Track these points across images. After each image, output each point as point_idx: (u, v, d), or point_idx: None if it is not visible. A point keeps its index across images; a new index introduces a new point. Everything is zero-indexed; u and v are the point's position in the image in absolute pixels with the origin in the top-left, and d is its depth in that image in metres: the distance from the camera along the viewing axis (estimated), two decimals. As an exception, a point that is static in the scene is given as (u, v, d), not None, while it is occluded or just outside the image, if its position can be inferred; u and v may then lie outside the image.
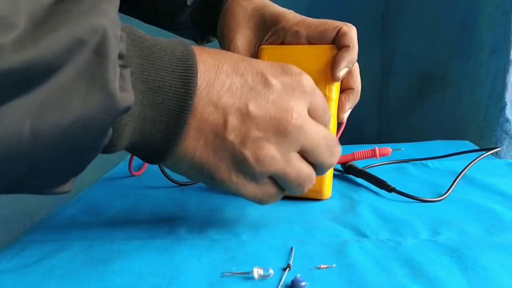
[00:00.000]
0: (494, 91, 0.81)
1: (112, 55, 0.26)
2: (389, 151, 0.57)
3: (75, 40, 0.24)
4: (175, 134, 0.32)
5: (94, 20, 0.25)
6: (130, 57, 0.30)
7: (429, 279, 0.32)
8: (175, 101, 0.31)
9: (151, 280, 0.33)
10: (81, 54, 0.25)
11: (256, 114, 0.33)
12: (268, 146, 0.34)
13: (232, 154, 0.34)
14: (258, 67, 0.35)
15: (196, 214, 0.47)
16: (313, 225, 0.42)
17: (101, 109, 0.26)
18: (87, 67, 0.25)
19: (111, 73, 0.26)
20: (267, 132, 0.34)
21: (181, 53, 0.32)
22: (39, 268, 0.36)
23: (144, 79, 0.31)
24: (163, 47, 0.32)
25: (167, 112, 0.31)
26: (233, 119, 0.33)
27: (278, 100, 0.34)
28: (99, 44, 0.25)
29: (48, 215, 0.49)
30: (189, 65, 0.32)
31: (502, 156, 0.79)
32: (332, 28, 0.48)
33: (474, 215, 0.43)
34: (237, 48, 0.51)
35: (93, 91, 0.25)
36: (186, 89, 0.32)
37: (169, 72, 0.31)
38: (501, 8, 0.78)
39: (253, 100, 0.34)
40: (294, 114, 0.34)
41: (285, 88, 0.35)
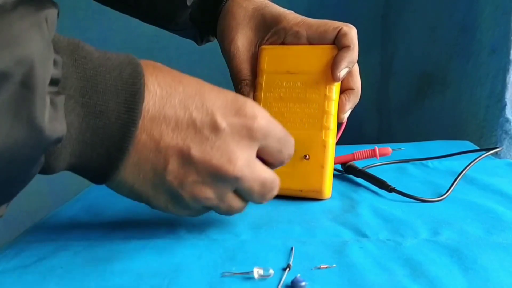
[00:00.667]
0: (494, 91, 0.81)
1: (39, 87, 0.25)
2: (389, 151, 0.57)
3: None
4: (116, 159, 0.31)
5: (19, 50, 0.23)
6: (70, 79, 0.29)
7: (429, 279, 0.32)
8: (118, 126, 0.30)
9: (151, 280, 0.33)
10: (5, 87, 0.23)
11: (198, 160, 0.33)
12: (205, 188, 0.34)
13: (170, 191, 0.34)
14: (210, 106, 0.33)
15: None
16: (313, 225, 0.42)
17: (27, 143, 0.25)
18: (11, 101, 0.23)
19: (38, 105, 0.25)
20: (206, 177, 0.34)
21: (129, 75, 0.31)
22: (39, 268, 0.36)
23: (85, 103, 0.29)
24: (109, 69, 0.30)
25: (109, 137, 0.30)
26: (173, 162, 0.33)
27: (223, 147, 0.33)
28: (25, 76, 0.24)
29: (48, 215, 0.49)
30: (135, 89, 0.31)
31: (502, 156, 0.79)
32: (333, 29, 0.48)
33: (474, 215, 0.43)
34: (237, 48, 0.51)
35: (18, 125, 0.24)
36: (130, 115, 0.30)
37: (113, 96, 0.30)
38: (501, 8, 0.78)
39: (197, 144, 0.33)
40: (236, 164, 0.33)
41: (233, 133, 0.34)
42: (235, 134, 0.34)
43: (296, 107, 0.49)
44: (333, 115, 0.48)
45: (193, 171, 0.33)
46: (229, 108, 0.34)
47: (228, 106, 0.34)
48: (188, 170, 0.33)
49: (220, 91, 0.35)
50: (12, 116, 0.24)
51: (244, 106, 0.35)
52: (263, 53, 0.50)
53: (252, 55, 0.51)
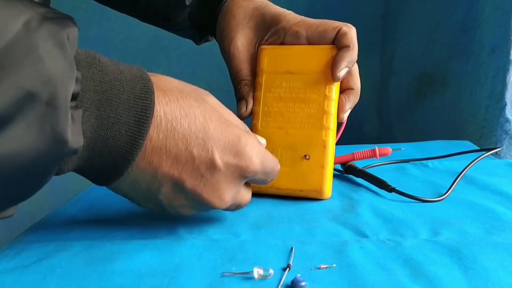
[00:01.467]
0: (494, 91, 0.81)
1: (63, 104, 0.26)
2: (389, 151, 0.57)
3: (25, 92, 0.23)
4: (122, 168, 0.33)
5: (45, 71, 0.24)
6: (88, 92, 0.30)
7: (429, 279, 0.32)
8: (127, 139, 0.32)
9: (151, 280, 0.33)
10: (32, 107, 0.24)
11: (190, 191, 0.35)
12: (190, 210, 0.38)
13: (159, 205, 0.37)
14: (211, 145, 0.35)
15: (196, 214, 0.46)
16: (313, 225, 0.42)
17: (51, 154, 0.26)
18: (38, 118, 0.24)
19: (62, 121, 0.26)
20: (193, 203, 0.37)
21: (140, 90, 0.32)
22: (39, 268, 0.36)
23: (99, 115, 0.30)
24: (123, 83, 0.32)
25: (117, 148, 0.32)
26: (167, 187, 0.35)
27: (215, 185, 0.36)
28: (50, 95, 0.25)
29: (48, 215, 0.49)
30: (146, 104, 0.32)
31: (502, 156, 0.79)
32: (332, 29, 0.48)
33: (474, 215, 0.43)
34: (237, 48, 0.51)
35: (43, 140, 0.25)
36: (139, 128, 0.32)
37: (125, 110, 0.31)
38: (501, 8, 0.78)
39: (192, 178, 0.35)
40: (224, 200, 0.37)
41: (227, 173, 0.36)
42: (229, 175, 0.36)
43: (296, 107, 0.49)
44: (333, 115, 0.48)
45: (183, 197, 0.36)
46: (229, 148, 0.36)
47: (228, 147, 0.36)
48: (179, 196, 0.36)
49: (224, 128, 0.36)
50: (38, 132, 0.25)
51: (244, 148, 0.36)
52: (263, 53, 0.50)
53: (251, 55, 0.51)
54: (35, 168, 0.26)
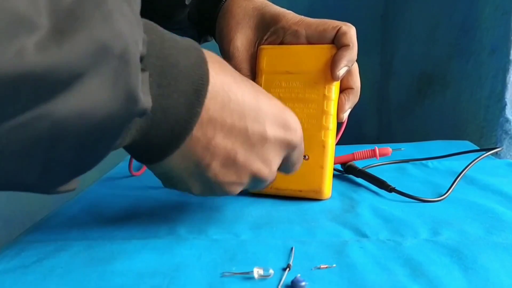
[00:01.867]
0: (494, 91, 0.81)
1: (134, 60, 0.25)
2: (389, 151, 0.57)
3: (99, 45, 0.23)
4: (179, 139, 0.32)
5: (117, 25, 0.24)
6: (151, 57, 0.29)
7: (429, 279, 0.32)
8: (185, 108, 0.31)
9: (151, 280, 0.33)
10: (105, 60, 0.23)
11: (241, 163, 0.35)
12: (239, 187, 0.37)
13: (204, 183, 0.36)
14: (263, 117, 0.36)
15: (196, 214, 0.47)
16: (313, 225, 0.42)
17: (123, 114, 0.26)
18: (111, 73, 0.24)
19: (134, 78, 0.26)
20: (243, 179, 0.37)
21: (195, 59, 0.32)
22: (39, 268, 0.36)
23: (160, 83, 0.30)
24: (179, 51, 0.31)
25: (175, 117, 0.31)
26: (217, 161, 0.34)
27: (266, 155, 0.36)
28: (122, 50, 0.24)
29: (48, 215, 0.49)
30: (201, 73, 0.32)
31: (502, 156, 0.79)
32: (332, 28, 0.48)
33: (474, 215, 0.43)
34: (236, 48, 0.51)
35: (116, 96, 0.25)
36: (197, 96, 0.31)
37: (183, 78, 0.31)
38: (501, 8, 0.78)
39: (244, 150, 0.35)
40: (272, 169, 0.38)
41: (275, 144, 0.37)
42: (277, 145, 0.37)
43: (295, 107, 0.49)
44: (332, 115, 0.48)
45: (233, 173, 0.36)
46: (277, 121, 0.37)
47: (277, 118, 0.37)
48: (230, 172, 0.35)
49: (271, 99, 0.38)
50: (112, 88, 0.24)
51: (290, 120, 0.38)
52: (262, 53, 0.50)
53: (251, 54, 0.51)
54: (106, 129, 0.26)
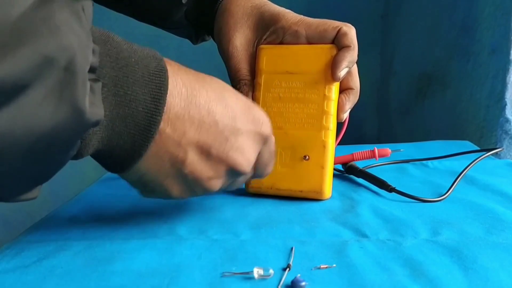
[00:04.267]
0: (494, 91, 0.81)
1: (81, 71, 0.26)
2: (388, 152, 0.57)
3: (43, 58, 0.23)
4: (141, 147, 0.32)
5: (63, 37, 0.24)
6: (105, 68, 0.30)
7: (429, 279, 0.32)
8: (144, 115, 0.32)
9: (151, 280, 0.33)
10: (50, 72, 0.24)
11: (216, 157, 0.36)
12: (218, 182, 0.37)
13: (182, 183, 0.36)
14: (232, 112, 0.36)
15: (196, 214, 0.47)
16: (313, 225, 0.42)
17: (69, 125, 0.26)
18: (56, 85, 0.24)
19: (80, 90, 0.26)
20: (221, 173, 0.37)
21: (155, 68, 0.32)
22: (39, 268, 0.36)
23: (117, 92, 0.31)
24: (138, 59, 0.32)
25: (135, 126, 0.32)
26: (193, 156, 0.35)
27: (240, 148, 0.37)
28: (68, 62, 0.25)
29: (48, 215, 0.49)
30: (160, 82, 0.32)
31: (502, 156, 0.79)
32: (332, 28, 0.48)
33: (474, 215, 0.43)
34: (235, 47, 0.51)
35: (62, 108, 0.25)
36: (156, 105, 0.32)
37: (141, 87, 0.31)
38: (501, 8, 0.78)
39: (218, 143, 0.35)
40: (248, 163, 0.38)
41: (249, 138, 0.37)
42: (250, 137, 0.38)
43: (295, 107, 0.49)
44: (332, 115, 0.48)
45: (209, 167, 0.36)
46: (246, 114, 0.37)
47: (245, 113, 0.37)
48: (206, 166, 0.35)
49: (237, 95, 0.38)
50: (57, 100, 0.25)
51: (257, 113, 0.39)
52: (262, 53, 0.50)
53: (250, 54, 0.51)
54: (55, 140, 0.26)
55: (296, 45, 0.49)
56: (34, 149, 0.25)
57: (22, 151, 0.25)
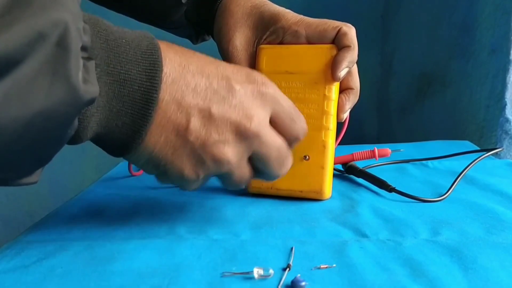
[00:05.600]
0: (494, 91, 0.81)
1: (74, 48, 0.26)
2: (388, 152, 0.57)
3: (36, 33, 0.24)
4: (140, 126, 0.32)
5: (55, 13, 0.25)
6: (95, 49, 0.30)
7: (429, 279, 0.32)
8: (140, 94, 0.32)
9: (151, 280, 0.33)
10: (43, 47, 0.24)
11: (218, 117, 0.34)
12: (226, 149, 0.35)
13: (191, 154, 0.35)
14: (224, 71, 0.36)
15: (196, 214, 0.47)
16: (313, 225, 0.42)
17: (65, 101, 0.26)
18: (49, 60, 0.25)
19: (73, 65, 0.26)
20: (227, 135, 0.35)
21: (146, 47, 0.32)
22: (39, 268, 0.36)
23: (110, 72, 0.31)
24: (128, 40, 0.32)
25: (132, 105, 0.32)
26: (195, 120, 0.34)
27: (239, 105, 0.35)
28: (60, 37, 0.25)
29: (48, 215, 0.49)
30: (154, 59, 0.32)
31: (502, 156, 0.79)
32: (332, 28, 0.48)
33: (474, 215, 0.43)
34: (235, 47, 0.51)
35: (56, 83, 0.25)
36: (152, 82, 0.32)
37: (134, 65, 0.32)
38: (501, 8, 0.78)
39: (216, 103, 0.34)
40: (253, 120, 0.35)
41: (247, 94, 0.36)
42: (249, 96, 0.36)
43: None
44: (332, 115, 0.48)
45: (214, 130, 0.34)
46: (240, 74, 0.36)
47: (239, 73, 0.36)
48: (210, 129, 0.34)
49: (228, 62, 0.38)
50: (51, 76, 0.25)
51: (254, 74, 0.37)
52: (262, 53, 0.50)
53: (250, 54, 0.51)
54: (51, 117, 0.26)
55: (296, 45, 0.49)
56: (31, 126, 0.25)
57: (19, 128, 0.25)
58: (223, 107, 0.35)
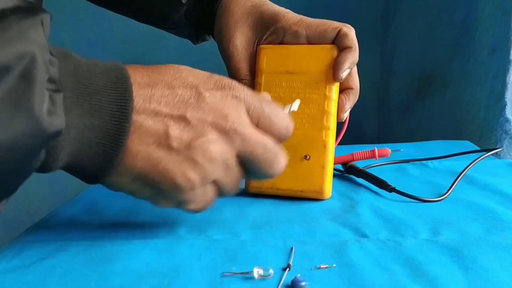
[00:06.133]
0: (494, 91, 0.81)
1: (39, 80, 0.26)
2: (388, 152, 0.57)
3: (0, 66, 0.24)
4: (113, 156, 0.32)
5: (21, 46, 0.25)
6: (64, 81, 0.30)
7: (429, 279, 0.32)
8: (112, 123, 0.32)
9: (151, 280, 0.33)
10: (6, 79, 0.25)
11: (195, 121, 0.34)
12: (213, 146, 0.34)
13: (178, 160, 0.34)
14: (191, 82, 0.35)
15: (196, 214, 0.46)
16: (313, 225, 0.42)
17: (27, 133, 0.26)
18: (12, 92, 0.25)
19: (37, 97, 0.26)
20: (209, 135, 0.34)
21: (116, 78, 0.32)
22: (39, 268, 0.36)
23: (80, 104, 0.31)
24: (97, 72, 0.32)
25: (104, 135, 0.32)
26: (173, 127, 0.34)
27: (212, 109, 0.35)
28: (25, 69, 0.25)
29: (48, 215, 0.49)
30: (124, 88, 0.32)
31: (502, 156, 0.79)
32: (332, 29, 0.48)
33: (474, 215, 0.43)
34: (235, 47, 0.51)
35: (18, 115, 0.25)
36: (123, 112, 0.32)
37: (104, 96, 0.31)
38: (501, 8, 0.78)
39: (189, 110, 0.34)
40: (228, 119, 0.35)
41: (217, 100, 0.35)
42: (219, 100, 0.35)
43: (296, 107, 0.49)
44: (333, 115, 0.48)
45: (195, 132, 0.34)
46: (208, 82, 0.36)
47: (207, 81, 0.36)
48: (190, 132, 0.34)
49: (195, 70, 0.37)
50: (13, 108, 0.25)
51: (222, 80, 0.36)
52: (262, 53, 0.50)
53: (250, 54, 0.51)
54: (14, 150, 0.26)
55: (296, 45, 0.49)
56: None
57: None
58: (197, 112, 0.34)
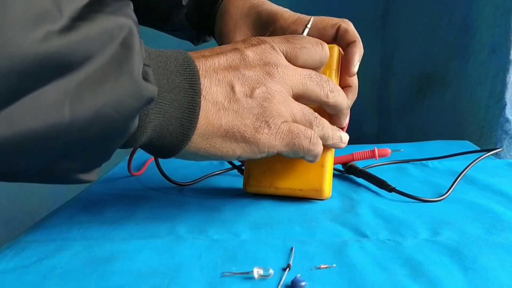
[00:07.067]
0: (494, 91, 0.81)
1: (136, 48, 0.30)
2: (388, 152, 0.57)
3: (106, 33, 0.28)
4: (189, 129, 0.36)
5: (120, 19, 0.29)
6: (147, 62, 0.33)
7: (429, 279, 0.32)
8: (187, 99, 0.35)
9: (151, 280, 0.33)
10: (110, 45, 0.28)
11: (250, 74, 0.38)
12: (270, 88, 0.39)
13: (251, 108, 0.38)
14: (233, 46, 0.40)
15: (196, 214, 0.47)
16: (313, 225, 0.42)
17: (129, 93, 0.29)
18: (115, 56, 0.28)
19: (135, 63, 0.30)
20: (264, 80, 0.39)
21: (183, 60, 0.36)
22: (39, 268, 0.36)
23: (159, 81, 0.34)
24: (167, 55, 0.36)
25: (181, 109, 0.35)
26: (235, 84, 0.38)
27: (256, 59, 0.39)
28: (125, 39, 0.29)
29: (48, 215, 0.49)
30: (191, 69, 0.36)
31: (502, 156, 0.79)
32: (331, 26, 0.48)
33: (474, 215, 0.43)
34: None
35: (122, 77, 0.29)
36: (194, 89, 0.36)
37: (177, 76, 0.35)
38: (501, 8, 0.78)
39: (240, 66, 0.38)
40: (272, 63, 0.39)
41: (255, 53, 0.40)
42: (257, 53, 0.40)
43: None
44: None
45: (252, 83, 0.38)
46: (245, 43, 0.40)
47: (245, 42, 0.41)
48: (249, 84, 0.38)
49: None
50: (116, 69, 0.29)
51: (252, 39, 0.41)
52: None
53: None
54: (118, 108, 0.29)
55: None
56: (100, 115, 0.28)
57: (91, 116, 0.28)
58: (246, 67, 0.39)
